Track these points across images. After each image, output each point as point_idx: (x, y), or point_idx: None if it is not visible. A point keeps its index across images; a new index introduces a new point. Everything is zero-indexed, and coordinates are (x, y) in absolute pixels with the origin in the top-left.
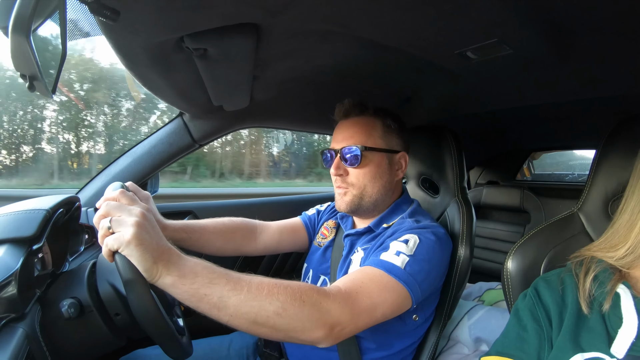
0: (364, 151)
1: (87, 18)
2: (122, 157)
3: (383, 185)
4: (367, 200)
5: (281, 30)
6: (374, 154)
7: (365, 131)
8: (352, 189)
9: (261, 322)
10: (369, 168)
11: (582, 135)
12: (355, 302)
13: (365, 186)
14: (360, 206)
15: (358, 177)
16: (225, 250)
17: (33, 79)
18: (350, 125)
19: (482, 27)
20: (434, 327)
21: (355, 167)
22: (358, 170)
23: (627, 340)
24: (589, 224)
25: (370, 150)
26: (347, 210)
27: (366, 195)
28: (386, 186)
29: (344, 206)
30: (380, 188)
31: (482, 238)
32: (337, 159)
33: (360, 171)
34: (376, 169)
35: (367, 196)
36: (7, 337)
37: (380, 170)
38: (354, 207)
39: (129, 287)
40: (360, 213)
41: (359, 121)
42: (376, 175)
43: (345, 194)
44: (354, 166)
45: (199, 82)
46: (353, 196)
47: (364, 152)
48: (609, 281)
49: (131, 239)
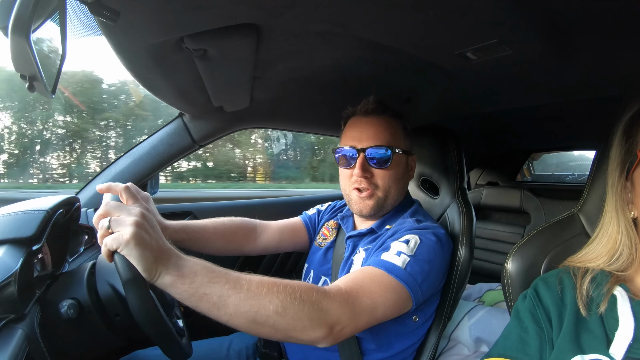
0: (394, 153)
1: (87, 18)
2: (122, 158)
3: (402, 187)
4: (390, 202)
5: (281, 31)
6: (400, 155)
7: (391, 132)
8: (378, 192)
9: (261, 321)
10: (395, 170)
11: (582, 136)
12: (355, 301)
13: (390, 188)
14: (382, 208)
15: (384, 179)
16: (225, 250)
17: (33, 79)
18: (373, 124)
19: (482, 28)
20: (434, 327)
21: (384, 168)
22: (385, 171)
23: (624, 342)
24: (589, 224)
25: (396, 152)
26: (370, 213)
27: (390, 197)
28: (404, 188)
29: (367, 210)
30: (400, 190)
31: (482, 239)
32: (361, 159)
33: (387, 173)
34: (400, 171)
35: (390, 198)
36: (6, 337)
37: (402, 172)
38: (377, 209)
39: (128, 287)
40: (378, 215)
41: (383, 121)
42: (399, 177)
43: (371, 197)
44: (382, 168)
45: (199, 83)
46: (378, 199)
47: (393, 155)
48: (606, 283)
49: (130, 238)
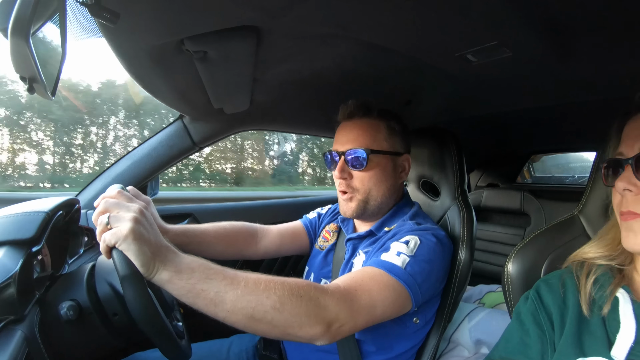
0: (369, 154)
1: (87, 20)
2: (122, 160)
3: (388, 189)
4: (373, 204)
5: (281, 32)
6: (379, 157)
7: (370, 133)
8: (357, 194)
9: (258, 318)
10: (374, 172)
11: (583, 138)
12: (354, 299)
13: (370, 190)
14: (365, 210)
15: (363, 181)
16: (226, 254)
17: (33, 81)
18: (354, 127)
19: (482, 30)
20: (434, 329)
21: (361, 170)
22: (363, 173)
23: (626, 345)
24: (589, 226)
25: (375, 154)
26: (353, 216)
27: (371, 199)
28: (391, 189)
29: (350, 212)
30: (385, 191)
31: (482, 241)
32: (341, 162)
33: (365, 175)
34: (381, 173)
35: (372, 200)
36: (5, 339)
37: (385, 174)
38: (360, 212)
39: (125, 283)
40: (365, 217)
41: (363, 123)
42: (381, 179)
43: (351, 200)
44: (359, 169)
45: (199, 85)
46: (359, 201)
47: (369, 156)
48: (609, 285)
49: (128, 233)
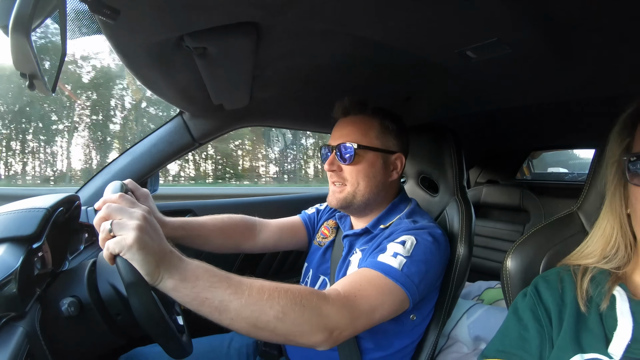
0: (357, 149)
1: (87, 17)
2: (122, 156)
3: (376, 185)
4: (359, 199)
5: (281, 29)
6: (368, 152)
7: (362, 130)
8: (348, 186)
9: (261, 326)
10: (362, 166)
11: (582, 135)
12: (354, 305)
13: (358, 183)
14: (351, 204)
15: (351, 174)
16: (224, 247)
17: (33, 77)
18: (348, 124)
19: (481, 27)
20: (433, 325)
21: (348, 164)
22: (351, 167)
23: (623, 342)
24: (588, 223)
25: (364, 149)
26: (337, 206)
27: (358, 193)
28: (379, 186)
29: (335, 202)
30: (373, 187)
31: (481, 237)
32: (332, 155)
33: (353, 168)
34: (369, 168)
35: (359, 194)
36: (7, 335)
37: (374, 170)
38: (345, 204)
39: (131, 290)
40: (351, 211)
41: (357, 120)
42: (369, 175)
43: (340, 192)
44: (347, 163)
45: (199, 81)
46: (347, 193)
47: (357, 150)
48: (606, 282)
49: (133, 242)
